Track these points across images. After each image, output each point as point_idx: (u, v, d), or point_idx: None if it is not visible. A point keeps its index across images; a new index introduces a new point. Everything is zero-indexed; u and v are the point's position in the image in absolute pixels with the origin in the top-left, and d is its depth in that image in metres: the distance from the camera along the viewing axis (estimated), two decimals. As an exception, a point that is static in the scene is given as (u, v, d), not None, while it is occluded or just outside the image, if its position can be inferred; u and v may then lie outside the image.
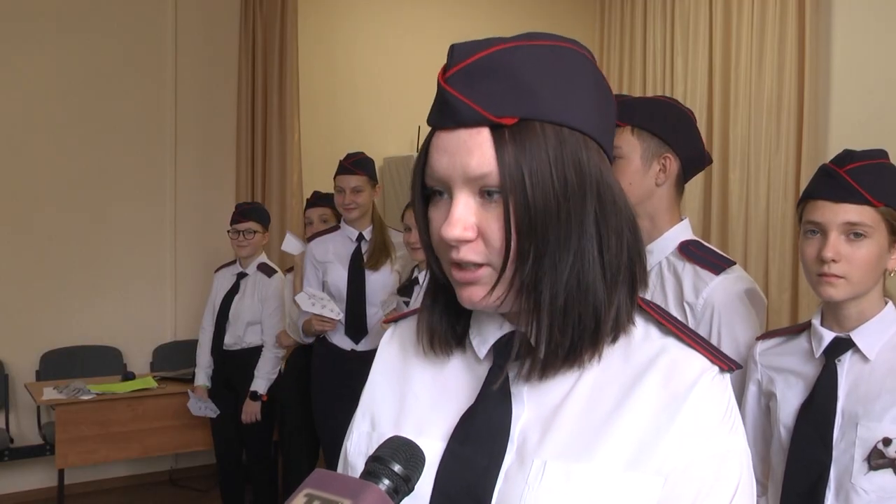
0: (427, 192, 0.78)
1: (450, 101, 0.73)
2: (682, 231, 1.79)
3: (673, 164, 1.74)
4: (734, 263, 1.73)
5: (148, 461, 4.87)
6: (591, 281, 0.74)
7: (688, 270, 1.71)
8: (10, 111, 4.58)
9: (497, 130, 0.72)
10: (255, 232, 3.91)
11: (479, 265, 0.74)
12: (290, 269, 4.01)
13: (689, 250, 1.74)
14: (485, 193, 0.73)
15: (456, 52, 0.74)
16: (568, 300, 0.74)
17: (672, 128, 1.74)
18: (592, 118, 0.76)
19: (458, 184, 0.74)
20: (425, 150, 0.77)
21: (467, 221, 0.73)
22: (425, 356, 0.87)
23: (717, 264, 1.70)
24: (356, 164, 3.41)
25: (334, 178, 3.43)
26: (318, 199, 3.92)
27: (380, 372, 0.92)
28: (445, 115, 0.74)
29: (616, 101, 0.84)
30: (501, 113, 0.71)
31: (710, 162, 1.89)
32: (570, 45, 0.76)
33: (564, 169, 0.73)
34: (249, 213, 3.94)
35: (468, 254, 0.74)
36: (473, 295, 0.76)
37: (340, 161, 3.46)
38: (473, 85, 0.72)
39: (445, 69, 0.74)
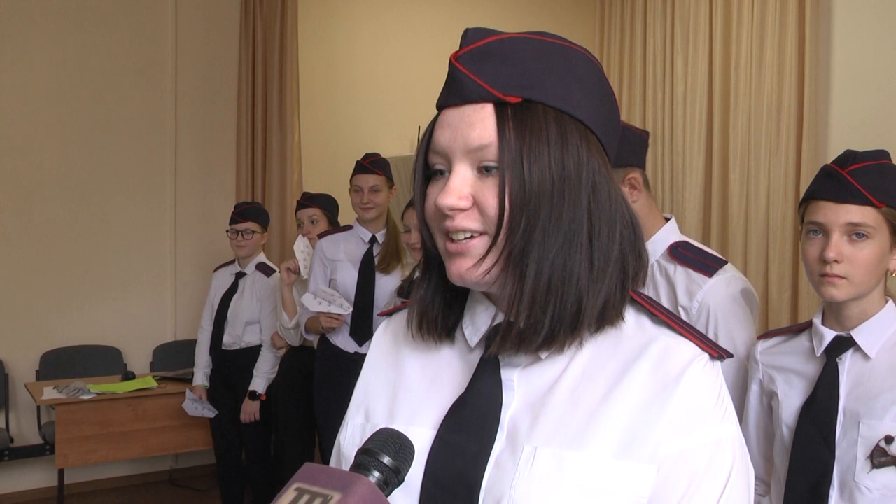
0: (428, 172, 0.80)
1: (458, 77, 0.76)
2: (670, 232, 1.78)
3: (638, 177, 1.75)
4: (725, 262, 1.73)
5: (148, 461, 4.87)
6: (577, 266, 0.75)
7: (680, 273, 1.71)
8: (11, 111, 4.58)
9: (501, 107, 0.75)
10: (253, 232, 3.91)
11: (473, 234, 0.76)
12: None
13: (679, 252, 1.73)
14: (483, 169, 0.75)
15: (469, 34, 0.78)
16: (552, 278, 0.75)
17: (622, 143, 1.73)
18: (595, 114, 0.78)
19: (458, 156, 0.76)
20: (430, 130, 0.80)
21: (462, 191, 0.75)
22: (415, 343, 0.88)
23: (709, 265, 1.70)
24: (374, 163, 3.39)
25: (351, 178, 3.41)
26: (307, 200, 3.91)
27: (373, 364, 0.93)
28: (453, 93, 0.77)
29: None
30: (506, 91, 0.74)
31: (646, 133, 1.85)
32: (581, 49, 0.79)
33: (562, 153, 0.75)
34: (248, 213, 3.93)
35: (463, 221, 0.76)
36: (461, 267, 0.77)
37: (358, 161, 3.44)
38: (482, 65, 0.75)
39: (458, 50, 0.77)
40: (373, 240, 3.41)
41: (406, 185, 5.19)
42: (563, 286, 0.75)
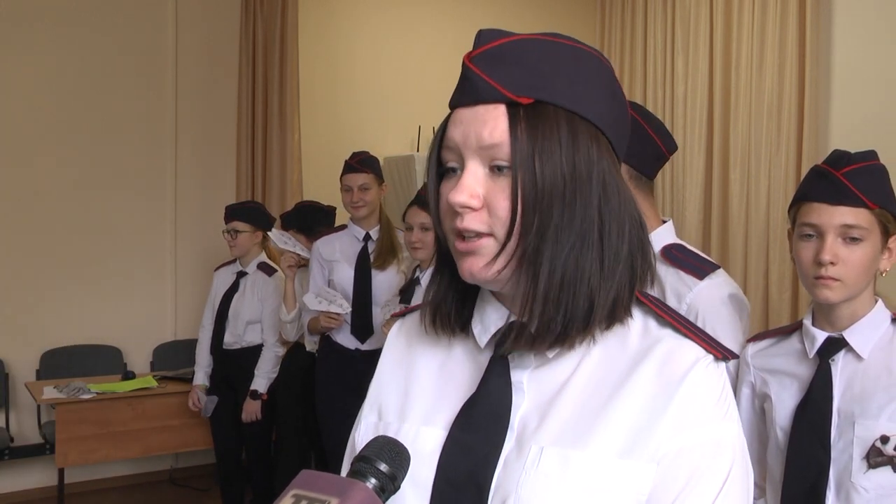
0: (441, 170, 0.81)
1: (471, 78, 0.77)
2: (665, 234, 1.76)
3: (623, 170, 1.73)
4: (718, 267, 1.71)
5: (148, 460, 4.87)
6: (589, 264, 0.77)
7: (671, 275, 1.69)
8: (11, 111, 4.58)
9: (513, 108, 0.76)
10: (238, 231, 3.86)
11: (481, 235, 0.77)
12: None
13: (672, 254, 1.72)
14: (495, 168, 0.76)
15: (482, 36, 0.79)
16: (565, 278, 0.76)
17: (645, 150, 1.70)
18: (605, 115, 0.79)
19: (470, 153, 0.77)
20: (443, 127, 0.81)
21: (474, 190, 0.77)
22: (428, 343, 0.89)
23: (701, 268, 1.68)
24: (362, 162, 3.42)
25: (341, 177, 3.43)
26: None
27: (387, 364, 0.94)
28: (466, 93, 0.78)
29: None
30: (519, 92, 0.75)
31: (675, 148, 1.80)
32: (593, 51, 0.80)
33: (574, 154, 0.76)
34: (236, 212, 3.91)
35: (471, 222, 0.77)
36: (473, 266, 0.78)
37: (346, 161, 3.45)
38: (495, 66, 0.77)
39: (471, 51, 0.78)
40: (367, 237, 3.43)
41: (404, 184, 5.20)
42: (575, 284, 0.76)
